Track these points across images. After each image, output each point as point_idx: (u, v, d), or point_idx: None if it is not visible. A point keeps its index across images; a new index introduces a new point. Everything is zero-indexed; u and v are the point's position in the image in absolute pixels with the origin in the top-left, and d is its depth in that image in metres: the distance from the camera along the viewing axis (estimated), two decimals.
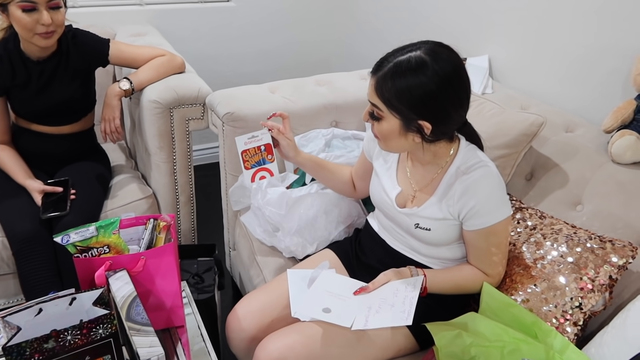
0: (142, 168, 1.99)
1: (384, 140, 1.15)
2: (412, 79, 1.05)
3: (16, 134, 1.74)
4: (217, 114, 1.65)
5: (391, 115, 1.09)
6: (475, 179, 1.14)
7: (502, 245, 1.21)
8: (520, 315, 1.17)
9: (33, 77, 1.64)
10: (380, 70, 1.08)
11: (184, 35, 2.49)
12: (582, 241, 1.23)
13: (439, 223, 1.19)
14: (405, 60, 1.05)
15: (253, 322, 1.26)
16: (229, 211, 1.80)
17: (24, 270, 1.53)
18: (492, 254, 1.20)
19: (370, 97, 1.11)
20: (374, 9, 2.55)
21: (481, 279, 1.22)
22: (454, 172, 1.18)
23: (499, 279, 1.25)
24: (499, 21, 1.87)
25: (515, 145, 1.44)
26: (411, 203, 1.24)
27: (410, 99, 1.06)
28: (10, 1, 1.47)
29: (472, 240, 1.19)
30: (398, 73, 1.05)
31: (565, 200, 1.41)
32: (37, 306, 0.95)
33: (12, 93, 1.66)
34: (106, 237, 1.06)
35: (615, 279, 1.18)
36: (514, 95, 1.71)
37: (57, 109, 1.70)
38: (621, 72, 1.49)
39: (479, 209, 1.13)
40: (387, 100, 1.07)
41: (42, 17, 1.48)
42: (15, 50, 1.61)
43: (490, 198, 1.15)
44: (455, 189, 1.16)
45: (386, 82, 1.06)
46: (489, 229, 1.15)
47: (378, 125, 1.13)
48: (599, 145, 1.43)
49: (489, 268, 1.22)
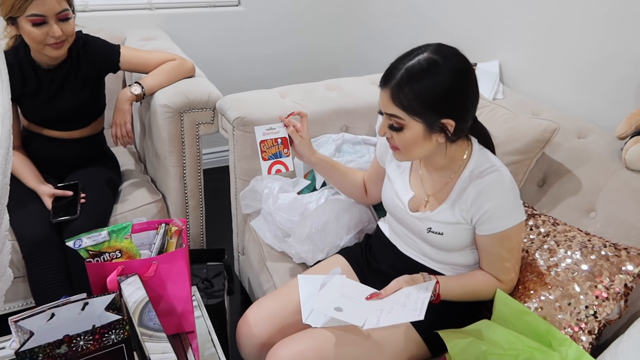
0: (152, 172, 2.00)
1: (407, 149, 1.13)
2: (429, 80, 1.05)
3: (27, 139, 1.75)
4: (228, 119, 1.65)
5: (413, 121, 1.08)
6: (489, 183, 1.14)
7: (515, 251, 1.20)
8: (534, 323, 1.15)
9: (44, 85, 1.64)
10: (392, 80, 1.07)
11: (194, 39, 2.49)
12: (596, 249, 1.22)
13: (452, 227, 1.18)
14: (417, 64, 1.06)
15: (264, 329, 1.25)
16: (238, 215, 1.80)
17: (34, 273, 1.53)
18: (505, 260, 1.19)
19: (386, 109, 1.10)
20: (384, 15, 2.55)
21: (494, 286, 1.21)
22: (467, 177, 1.18)
23: (512, 286, 1.23)
24: (509, 26, 1.86)
25: (527, 152, 1.43)
26: (424, 207, 1.23)
27: (431, 100, 1.06)
28: (19, 15, 1.47)
29: (485, 246, 1.18)
30: (413, 77, 1.05)
31: (579, 207, 1.39)
32: (50, 311, 0.94)
33: (22, 101, 1.66)
34: (118, 242, 1.06)
35: (630, 287, 1.16)
36: (525, 101, 1.70)
37: (67, 115, 1.70)
38: (634, 78, 1.48)
39: (492, 213, 1.13)
40: (408, 107, 1.06)
41: (52, 30, 1.48)
42: (26, 58, 1.61)
43: (504, 203, 1.14)
44: (469, 194, 1.15)
45: (403, 90, 1.06)
46: (502, 233, 1.14)
47: (399, 136, 1.11)
48: (612, 151, 1.41)
49: (502, 274, 1.20)
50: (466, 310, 1.28)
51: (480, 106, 1.59)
